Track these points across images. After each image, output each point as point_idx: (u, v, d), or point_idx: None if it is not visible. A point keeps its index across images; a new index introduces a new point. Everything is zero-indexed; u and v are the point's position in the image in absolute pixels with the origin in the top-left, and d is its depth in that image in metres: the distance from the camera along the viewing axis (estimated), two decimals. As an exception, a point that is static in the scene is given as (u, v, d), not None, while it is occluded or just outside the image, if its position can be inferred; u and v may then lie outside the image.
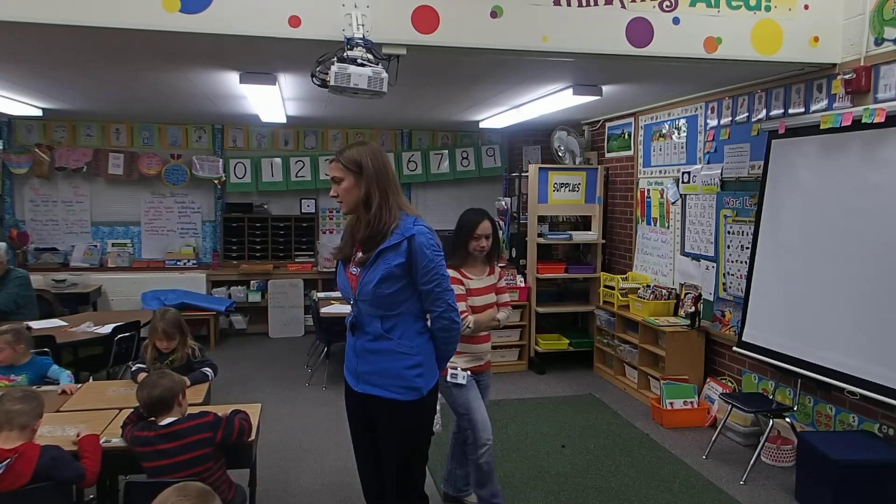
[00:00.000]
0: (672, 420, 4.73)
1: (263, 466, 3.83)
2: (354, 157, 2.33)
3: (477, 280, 3.22)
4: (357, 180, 2.32)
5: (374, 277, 2.29)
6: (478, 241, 3.15)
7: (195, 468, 2.50)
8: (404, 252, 2.28)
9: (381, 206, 2.31)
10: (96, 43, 3.56)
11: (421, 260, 2.28)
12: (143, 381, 2.69)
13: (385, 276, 2.27)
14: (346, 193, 2.35)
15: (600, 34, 3.43)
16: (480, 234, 3.14)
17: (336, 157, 2.36)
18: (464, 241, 3.18)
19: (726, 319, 4.84)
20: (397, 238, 2.29)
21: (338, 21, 3.11)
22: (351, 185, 2.33)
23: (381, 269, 2.28)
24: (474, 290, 3.20)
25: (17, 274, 5.07)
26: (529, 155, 7.85)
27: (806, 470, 3.58)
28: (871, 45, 3.61)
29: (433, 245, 2.32)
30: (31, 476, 2.31)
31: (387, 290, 2.29)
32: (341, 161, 2.34)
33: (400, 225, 2.31)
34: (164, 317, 3.53)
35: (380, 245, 2.29)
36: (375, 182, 2.32)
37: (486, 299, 3.25)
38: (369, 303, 2.34)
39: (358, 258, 2.37)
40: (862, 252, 3.54)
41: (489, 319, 3.24)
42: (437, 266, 2.32)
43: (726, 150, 4.82)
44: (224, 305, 7.02)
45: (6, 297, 4.87)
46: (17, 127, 7.11)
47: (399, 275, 2.29)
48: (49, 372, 3.54)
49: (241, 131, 7.61)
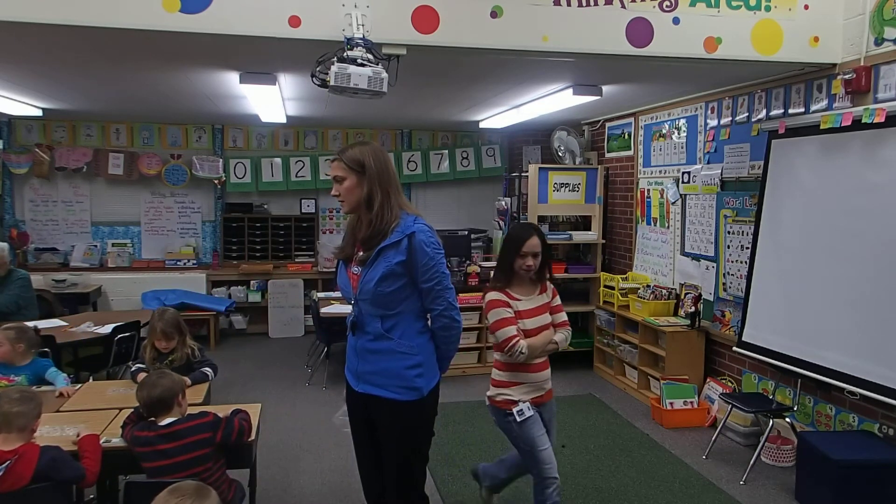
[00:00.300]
0: (672, 420, 4.73)
1: (263, 466, 3.83)
2: (357, 157, 2.34)
3: (527, 300, 2.88)
4: (359, 179, 2.33)
5: (374, 276, 2.30)
6: (524, 258, 2.81)
7: (195, 468, 2.50)
8: (404, 250, 2.29)
9: (382, 205, 2.32)
10: (96, 43, 3.55)
11: (421, 257, 2.29)
12: (143, 382, 2.69)
13: (385, 274, 2.28)
14: (348, 193, 2.35)
15: (600, 34, 3.43)
16: (527, 252, 2.80)
17: (338, 157, 2.37)
18: (509, 260, 2.85)
19: (726, 319, 4.84)
20: (398, 236, 2.30)
21: (338, 21, 3.11)
22: (353, 185, 2.34)
23: (382, 268, 2.29)
24: (524, 311, 2.86)
25: (18, 275, 5.07)
26: (529, 155, 7.85)
27: (806, 470, 3.58)
28: (871, 45, 3.61)
29: (433, 243, 2.33)
30: (31, 477, 2.31)
31: (387, 289, 2.30)
32: (343, 160, 2.34)
33: (400, 223, 2.33)
34: (163, 317, 3.53)
35: (380, 243, 2.30)
36: (377, 181, 2.33)
37: (539, 321, 2.89)
38: (370, 302, 2.34)
39: (359, 257, 2.38)
40: (862, 252, 3.54)
41: (545, 343, 2.87)
42: (438, 264, 2.33)
43: (726, 150, 4.82)
44: (224, 305, 7.02)
45: (7, 299, 4.88)
46: (17, 127, 7.11)
47: (399, 273, 2.30)
48: (46, 374, 3.53)
49: (241, 131, 7.61)
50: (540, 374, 2.91)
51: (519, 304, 2.86)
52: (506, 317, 2.79)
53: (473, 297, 6.07)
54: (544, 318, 2.92)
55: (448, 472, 3.93)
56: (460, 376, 5.96)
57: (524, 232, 2.85)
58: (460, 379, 5.89)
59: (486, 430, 4.59)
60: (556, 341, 2.90)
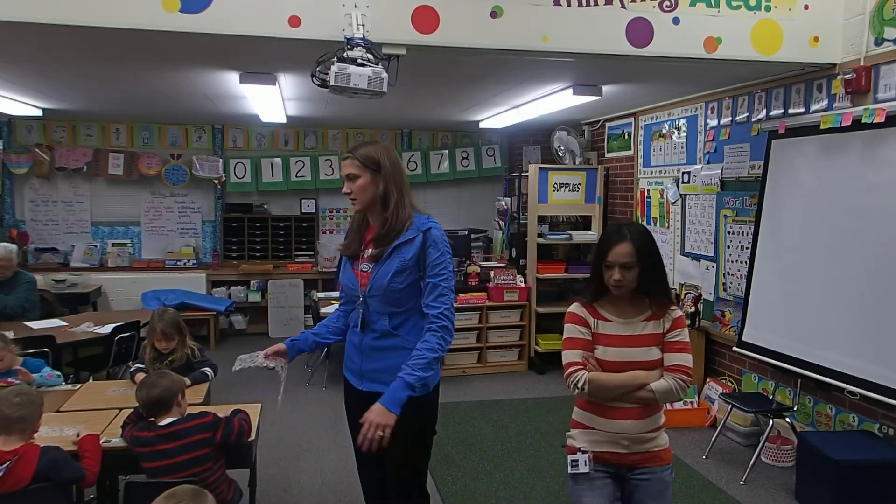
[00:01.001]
0: (672, 420, 4.70)
1: (263, 466, 3.83)
2: (372, 155, 2.35)
3: (619, 324, 2.18)
4: (373, 178, 2.34)
5: (388, 271, 2.31)
6: (610, 270, 2.13)
7: (195, 468, 2.50)
8: (419, 245, 2.32)
9: (398, 203, 2.34)
10: (96, 43, 3.55)
11: (433, 252, 2.32)
12: (143, 382, 2.69)
13: (399, 269, 2.30)
14: (362, 191, 2.35)
15: (600, 34, 3.43)
16: (613, 262, 2.12)
17: (351, 155, 2.36)
18: (598, 269, 2.19)
19: (726, 319, 4.84)
20: (413, 233, 2.33)
21: (338, 21, 3.11)
22: (367, 183, 2.34)
23: (396, 263, 2.31)
24: (608, 337, 2.17)
25: (26, 278, 5.11)
26: (529, 155, 7.84)
27: (806, 470, 3.59)
28: (871, 45, 3.61)
29: (446, 242, 2.36)
30: (32, 478, 2.31)
31: (400, 284, 2.31)
32: (358, 158, 2.34)
33: (414, 222, 2.35)
34: (163, 317, 3.53)
35: (395, 240, 2.32)
36: (393, 180, 2.35)
37: (627, 354, 2.15)
38: (380, 298, 2.35)
39: (370, 254, 2.38)
40: (862, 252, 3.54)
41: (624, 384, 2.12)
42: (447, 262, 2.35)
43: (726, 150, 4.82)
44: (224, 305, 7.02)
45: (15, 301, 4.91)
46: (17, 127, 7.10)
47: (412, 266, 2.32)
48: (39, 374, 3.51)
49: (241, 131, 7.61)
50: (619, 424, 2.15)
51: (605, 325, 2.19)
52: (575, 337, 2.19)
53: (473, 297, 6.08)
54: (640, 352, 2.15)
55: (448, 472, 3.93)
56: (460, 376, 5.96)
57: (614, 235, 2.16)
58: (460, 379, 5.89)
59: (487, 430, 4.60)
60: (652, 389, 2.10)
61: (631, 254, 2.10)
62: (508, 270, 6.32)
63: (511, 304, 6.20)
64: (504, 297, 6.17)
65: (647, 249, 2.13)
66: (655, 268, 2.15)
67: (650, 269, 2.13)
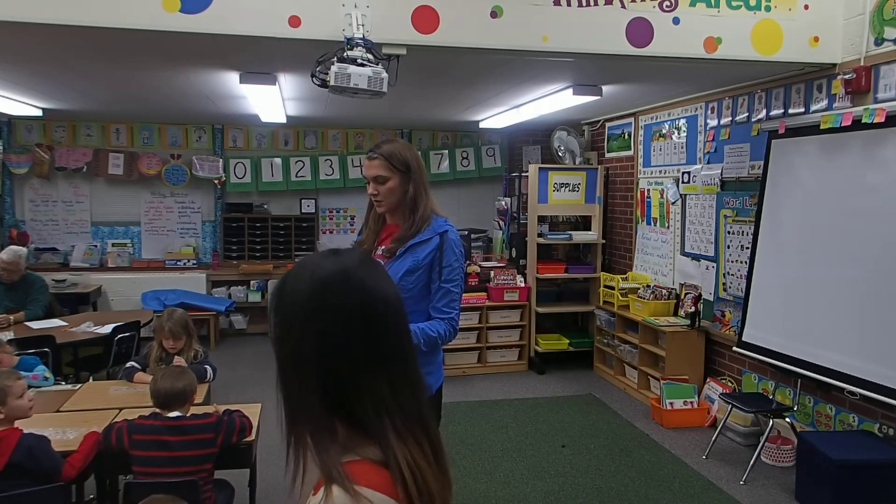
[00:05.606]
0: (672, 420, 4.73)
1: (263, 466, 3.82)
2: (402, 156, 2.29)
3: None
4: (403, 180, 2.30)
5: (400, 269, 2.30)
6: None
7: (190, 467, 2.51)
8: (434, 246, 2.31)
9: (425, 206, 2.32)
10: (96, 43, 3.55)
11: (448, 256, 2.30)
12: (165, 373, 2.71)
13: (412, 268, 2.29)
14: (390, 193, 2.31)
15: (600, 34, 3.43)
16: None
17: (378, 155, 2.29)
18: None
19: (726, 319, 4.84)
20: (429, 234, 2.31)
21: (338, 21, 3.11)
22: (396, 185, 2.30)
23: (409, 262, 2.30)
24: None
25: (40, 283, 5.12)
26: (529, 155, 7.84)
27: (806, 470, 3.58)
28: (871, 45, 3.61)
29: (461, 247, 2.35)
30: (6, 462, 2.31)
31: (410, 284, 2.30)
32: (389, 160, 2.28)
33: (432, 223, 2.33)
34: (172, 316, 3.56)
35: (412, 239, 2.31)
36: (421, 182, 2.32)
37: None
38: None
39: (383, 249, 2.37)
40: (862, 252, 3.54)
41: None
42: (461, 268, 2.34)
43: (726, 150, 4.82)
44: (224, 305, 7.02)
45: (37, 307, 4.93)
46: (17, 127, 7.10)
47: (425, 267, 2.30)
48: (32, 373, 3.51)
49: (241, 131, 7.61)
50: None
51: None
52: None
53: (473, 297, 6.07)
54: None
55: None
56: (460, 376, 5.96)
57: None
58: (460, 379, 5.89)
59: (487, 430, 4.59)
60: None
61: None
62: (508, 270, 6.32)
63: (511, 304, 6.20)
64: (504, 297, 6.17)
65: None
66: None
67: None
